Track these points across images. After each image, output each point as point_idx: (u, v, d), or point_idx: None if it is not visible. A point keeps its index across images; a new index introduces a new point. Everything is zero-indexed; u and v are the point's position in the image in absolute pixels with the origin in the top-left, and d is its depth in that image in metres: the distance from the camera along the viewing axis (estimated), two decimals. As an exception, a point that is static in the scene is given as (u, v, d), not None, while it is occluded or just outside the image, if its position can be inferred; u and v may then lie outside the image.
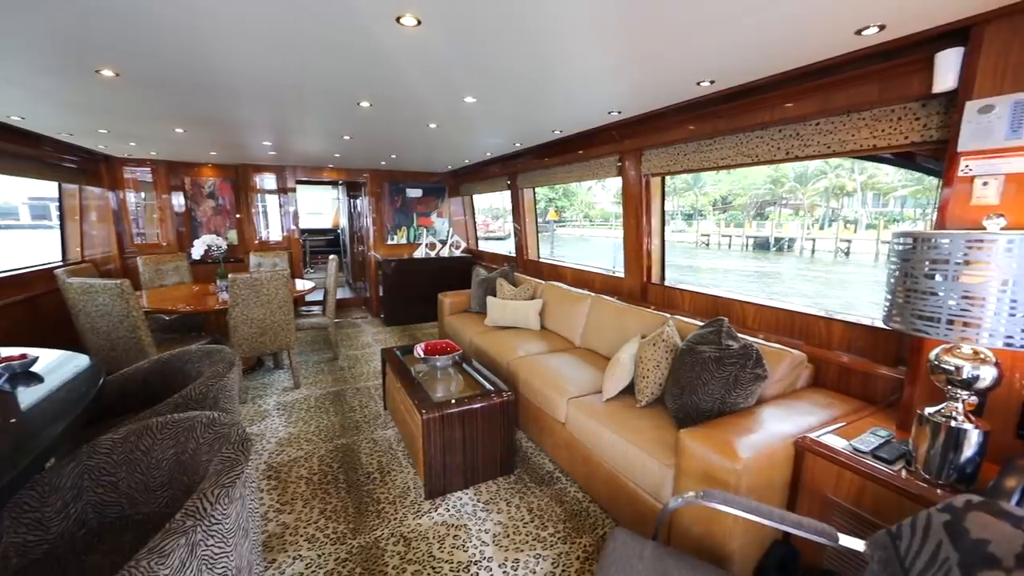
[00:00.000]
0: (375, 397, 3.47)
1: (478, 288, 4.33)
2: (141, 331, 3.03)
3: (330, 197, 10.91)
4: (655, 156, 3.06)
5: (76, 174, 4.57)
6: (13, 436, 1.33)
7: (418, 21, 1.53)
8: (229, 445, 1.30)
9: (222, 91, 2.45)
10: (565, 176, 4.17)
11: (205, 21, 1.58)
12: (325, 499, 2.23)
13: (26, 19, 1.57)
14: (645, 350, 2.31)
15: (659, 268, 3.39)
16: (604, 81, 2.23)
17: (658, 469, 1.81)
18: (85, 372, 1.80)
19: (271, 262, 5.09)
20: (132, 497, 1.41)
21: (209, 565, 1.08)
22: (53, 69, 2.09)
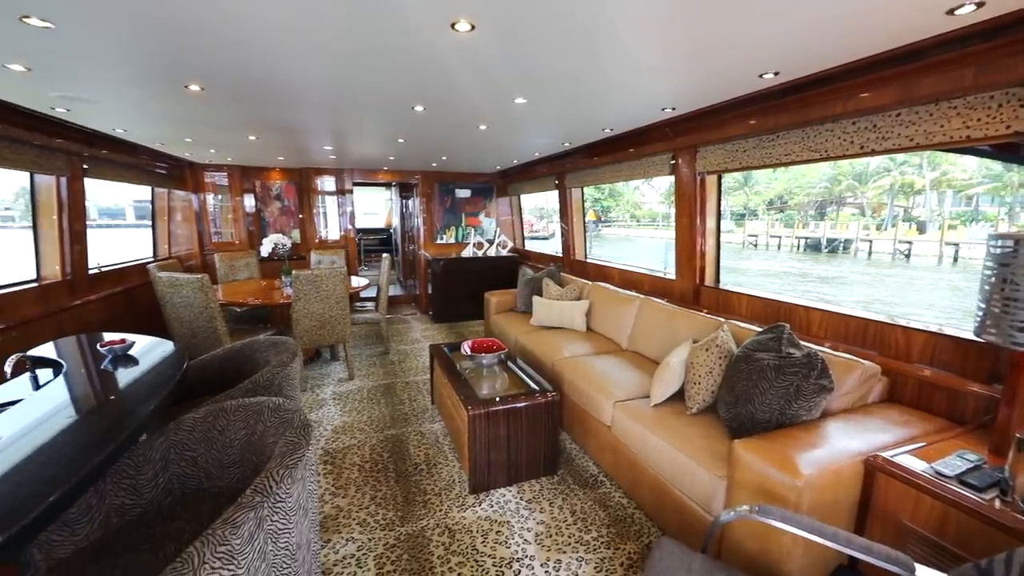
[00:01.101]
0: (423, 391, 3.59)
1: (524, 288, 4.35)
2: (217, 321, 3.32)
3: (383, 198, 11.39)
4: (711, 153, 2.93)
5: (165, 179, 5.08)
6: (114, 412, 1.51)
7: (472, 26, 1.56)
8: (292, 430, 1.40)
9: (290, 101, 2.63)
10: (614, 175, 4.09)
11: (274, 39, 1.70)
12: (376, 486, 2.34)
13: (131, 45, 1.77)
14: (697, 355, 2.22)
15: (713, 270, 3.24)
16: (658, 77, 2.16)
17: (708, 480, 1.74)
18: (171, 357, 2.00)
19: (329, 260, 5.40)
20: (209, 472, 1.55)
21: (274, 539, 1.17)
22: (150, 86, 2.34)
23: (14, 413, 1.42)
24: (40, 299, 3.31)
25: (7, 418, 1.39)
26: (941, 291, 14.99)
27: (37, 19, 1.52)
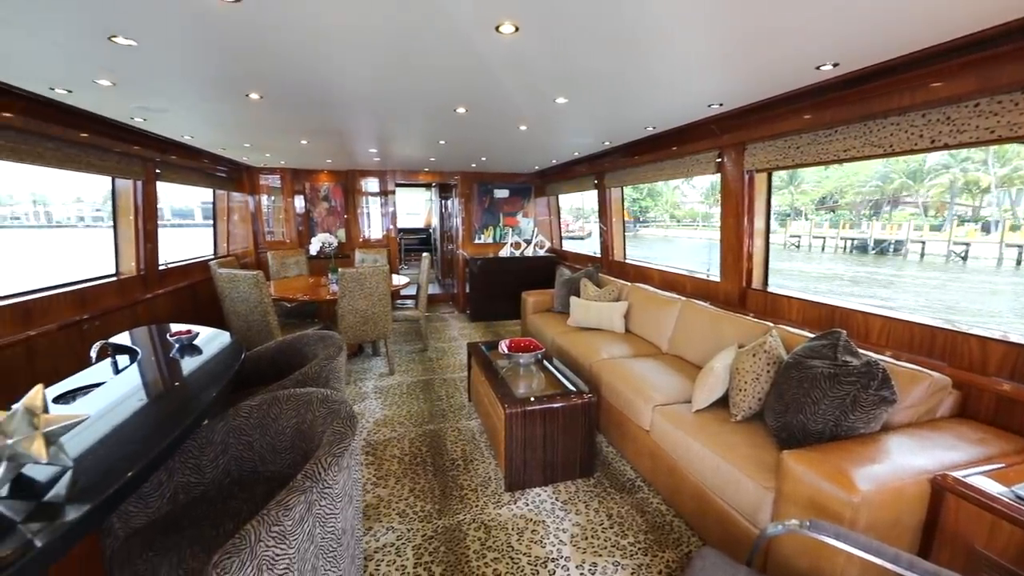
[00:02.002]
0: (460, 388, 3.65)
1: (561, 288, 4.33)
2: (270, 316, 3.52)
3: (423, 198, 11.66)
4: (761, 150, 2.80)
5: (225, 181, 5.44)
6: (182, 397, 1.63)
7: (516, 28, 1.57)
8: (339, 420, 1.47)
9: (339, 106, 2.75)
10: (656, 174, 3.99)
11: (327, 48, 1.79)
12: (415, 479, 2.41)
13: (201, 58, 1.91)
14: (743, 361, 2.13)
15: (761, 272, 3.10)
16: (705, 73, 2.09)
17: (754, 490, 1.67)
18: (229, 347, 2.15)
19: (372, 258, 5.60)
20: (263, 456, 1.65)
21: (322, 523, 1.23)
22: (216, 95, 2.51)
23: (99, 394, 1.58)
24: (118, 292, 3.63)
25: (93, 398, 1.54)
26: (1005, 296, 13.65)
27: (123, 38, 1.68)
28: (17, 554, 0.80)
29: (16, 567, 0.78)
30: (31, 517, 0.91)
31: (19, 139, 2.57)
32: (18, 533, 0.86)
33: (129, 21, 1.56)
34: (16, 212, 19.26)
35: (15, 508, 0.93)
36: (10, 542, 0.84)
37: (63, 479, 1.03)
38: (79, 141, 2.96)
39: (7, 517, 0.90)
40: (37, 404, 1.05)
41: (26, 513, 0.92)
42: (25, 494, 0.98)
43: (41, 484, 1.01)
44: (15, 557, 0.79)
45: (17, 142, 2.56)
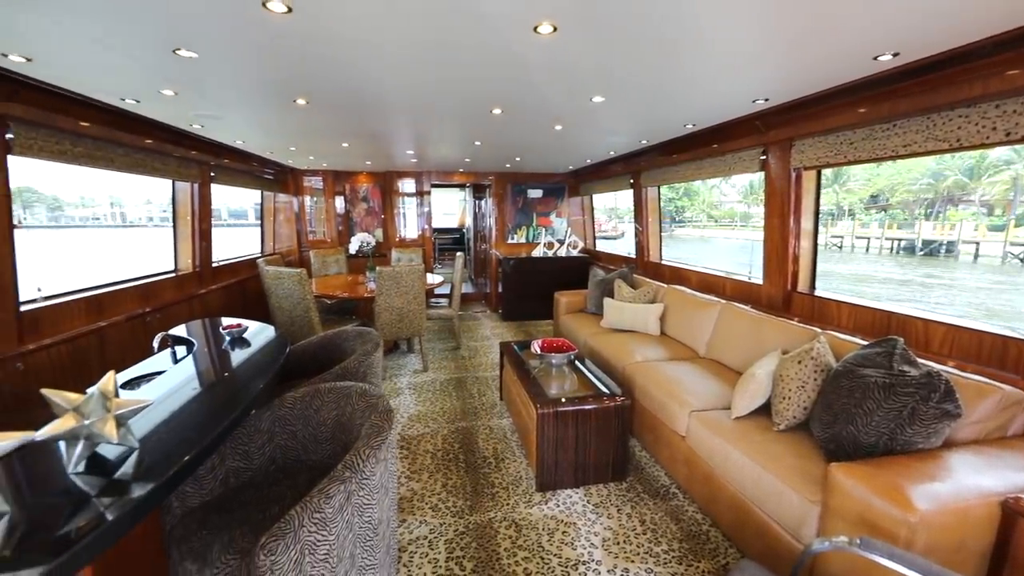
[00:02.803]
0: (492, 387, 3.68)
1: (595, 289, 4.28)
2: (312, 312, 3.67)
3: (457, 199, 11.82)
4: (809, 147, 2.67)
5: (272, 183, 5.73)
6: (233, 387, 1.73)
7: (554, 28, 1.57)
8: (377, 414, 1.51)
9: (380, 109, 2.84)
10: (695, 173, 3.88)
11: (370, 54, 1.85)
12: (447, 474, 2.45)
13: (254, 68, 2.02)
14: (787, 367, 2.03)
15: (808, 275, 2.95)
16: (750, 67, 2.01)
17: (798, 503, 1.59)
18: (275, 341, 2.26)
19: (408, 257, 5.73)
20: (306, 445, 1.72)
21: (359, 512, 1.27)
22: (266, 102, 2.65)
23: (160, 381, 1.70)
24: (176, 287, 3.90)
25: (156, 385, 1.66)
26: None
27: (186, 51, 1.80)
28: (92, 525, 0.88)
29: (90, 538, 0.85)
30: (103, 492, 0.99)
31: (95, 146, 2.81)
32: (92, 506, 0.94)
33: (192, 35, 1.67)
34: (96, 213, 21.36)
35: (90, 483, 1.02)
36: (85, 513, 0.92)
37: (130, 459, 1.12)
38: (144, 147, 3.20)
39: (83, 491, 0.99)
40: (110, 389, 1.14)
41: (99, 488, 1.00)
42: (98, 471, 1.07)
43: (112, 462, 1.10)
44: (90, 528, 0.87)
45: (93, 149, 2.80)
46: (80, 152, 2.70)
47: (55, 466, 1.07)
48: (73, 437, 1.05)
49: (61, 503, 0.95)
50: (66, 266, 14.58)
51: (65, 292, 2.88)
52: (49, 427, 1.02)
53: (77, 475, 1.04)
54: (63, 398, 1.07)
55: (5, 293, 2.28)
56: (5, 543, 0.83)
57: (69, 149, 2.62)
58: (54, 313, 2.66)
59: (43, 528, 0.88)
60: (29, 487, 1.03)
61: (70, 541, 0.83)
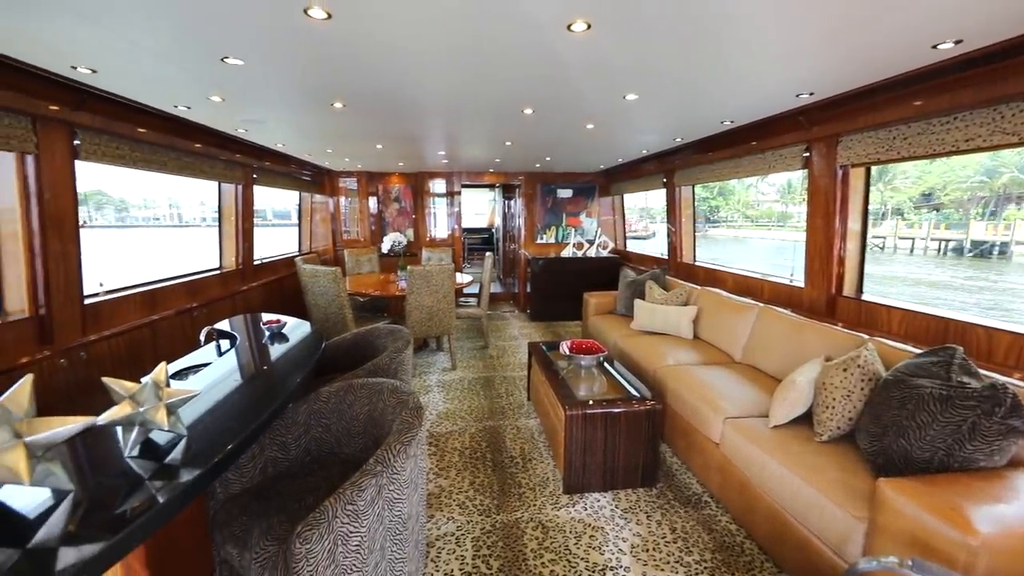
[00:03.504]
0: (519, 387, 3.68)
1: (625, 290, 4.21)
2: (346, 309, 3.78)
3: (487, 199, 11.89)
4: (858, 142, 2.52)
5: (309, 185, 5.94)
6: (272, 379, 1.80)
7: (588, 25, 1.55)
8: (407, 410, 1.54)
9: (414, 111, 2.89)
10: (732, 171, 3.74)
11: (404, 57, 1.88)
12: (474, 472, 2.46)
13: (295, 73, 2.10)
14: (831, 375, 1.93)
15: (855, 278, 2.79)
16: (795, 60, 1.92)
17: (842, 518, 1.51)
18: (311, 337, 2.33)
19: (438, 257, 5.81)
20: (339, 439, 1.77)
21: (389, 506, 1.30)
22: (305, 106, 2.75)
23: (206, 373, 1.79)
24: (221, 284, 4.10)
25: (202, 376, 1.75)
26: None
27: (233, 58, 1.89)
28: (145, 506, 0.93)
29: (143, 519, 0.90)
30: (155, 476, 1.05)
31: (150, 151, 2.99)
32: (145, 488, 1.00)
33: (239, 43, 1.75)
34: (157, 214, 23.12)
35: (143, 467, 1.08)
36: (139, 495, 0.98)
37: (179, 445, 1.19)
38: (194, 151, 3.38)
39: (138, 474, 1.05)
40: (161, 379, 1.21)
41: (151, 472, 1.07)
42: (150, 455, 1.13)
43: (162, 448, 1.17)
44: (143, 509, 0.92)
45: (149, 153, 2.98)
46: (137, 156, 2.89)
47: (113, 449, 1.15)
48: (129, 423, 1.12)
49: (118, 484, 1.02)
50: (128, 263, 15.67)
51: (123, 287, 3.08)
52: (108, 413, 1.09)
53: (132, 459, 1.11)
54: (121, 386, 1.14)
55: (72, 288, 2.46)
56: (70, 519, 0.89)
57: (128, 153, 2.81)
58: (113, 307, 2.86)
59: (102, 507, 0.94)
60: (91, 468, 1.11)
61: (126, 520, 0.89)
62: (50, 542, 0.83)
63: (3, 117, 2.04)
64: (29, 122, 2.15)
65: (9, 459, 0.85)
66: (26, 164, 2.22)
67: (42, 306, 2.34)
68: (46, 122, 2.22)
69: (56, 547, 0.82)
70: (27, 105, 2.08)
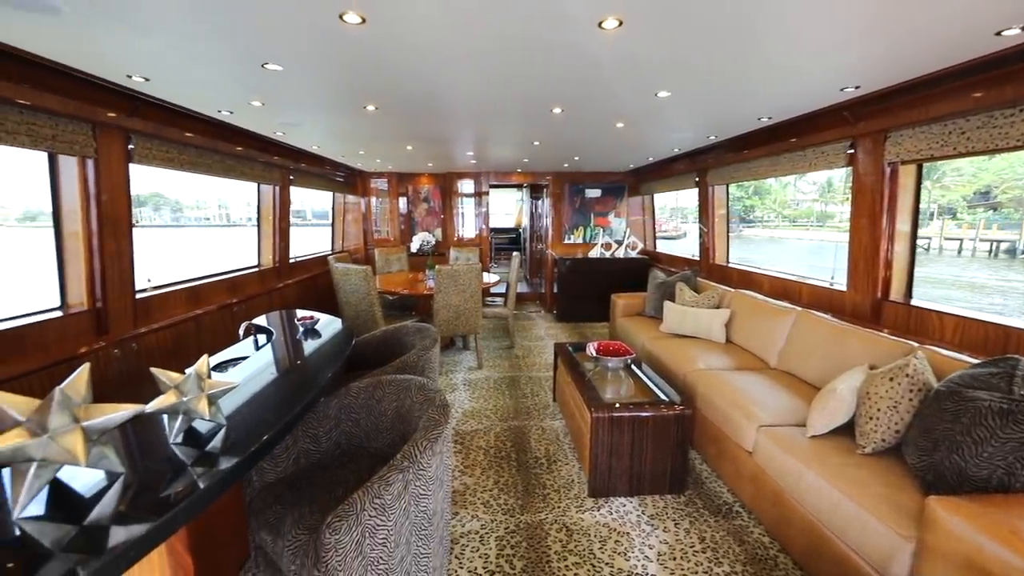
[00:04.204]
0: (545, 388, 3.66)
1: (655, 291, 4.13)
2: (375, 307, 3.87)
3: (514, 199, 11.92)
4: (909, 138, 2.38)
5: (342, 186, 6.11)
6: (306, 374, 1.86)
7: (620, 22, 1.53)
8: (434, 408, 1.56)
9: (444, 112, 2.93)
10: (769, 170, 3.60)
11: (436, 60, 1.91)
12: (499, 472, 2.47)
13: (331, 78, 2.17)
14: (876, 384, 1.83)
15: (903, 282, 2.64)
16: (840, 52, 1.83)
17: (886, 536, 1.42)
18: (342, 333, 2.40)
19: (465, 256, 5.86)
20: (368, 433, 1.81)
21: (416, 501, 1.32)
22: (340, 109, 2.83)
23: (244, 366, 1.87)
24: (258, 281, 4.28)
25: (241, 369, 1.83)
26: None
27: (273, 64, 1.97)
28: (187, 491, 0.98)
29: (186, 502, 0.95)
30: (196, 462, 1.10)
31: (196, 154, 3.16)
32: (188, 474, 1.05)
33: (279, 49, 1.82)
34: (207, 214, 24.60)
35: (186, 453, 1.14)
36: (183, 480, 1.03)
37: (219, 434, 1.24)
38: (235, 154, 3.54)
39: (181, 460, 1.11)
40: (204, 370, 1.27)
41: (193, 459, 1.12)
42: (192, 443, 1.19)
43: (204, 436, 1.23)
44: (186, 493, 0.97)
45: (195, 156, 3.15)
46: (184, 159, 3.05)
47: (159, 436, 1.22)
48: (174, 412, 1.19)
49: (164, 469, 1.08)
50: (181, 260, 16.63)
51: (170, 283, 3.26)
52: (156, 401, 1.16)
53: (176, 445, 1.17)
54: (167, 376, 1.21)
55: (125, 283, 2.63)
56: (121, 500, 0.95)
57: (176, 156, 2.97)
58: (161, 301, 3.03)
59: (150, 490, 1.00)
60: (139, 453, 1.18)
61: (170, 503, 0.94)
62: (103, 520, 0.89)
63: (67, 124, 2.19)
64: (89, 128, 2.31)
65: (68, 441, 0.91)
66: (86, 168, 2.39)
67: (99, 300, 2.51)
68: (104, 128, 2.38)
69: (108, 525, 0.88)
70: (88, 112, 2.23)
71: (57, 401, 0.91)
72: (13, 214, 22.45)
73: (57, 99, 2.06)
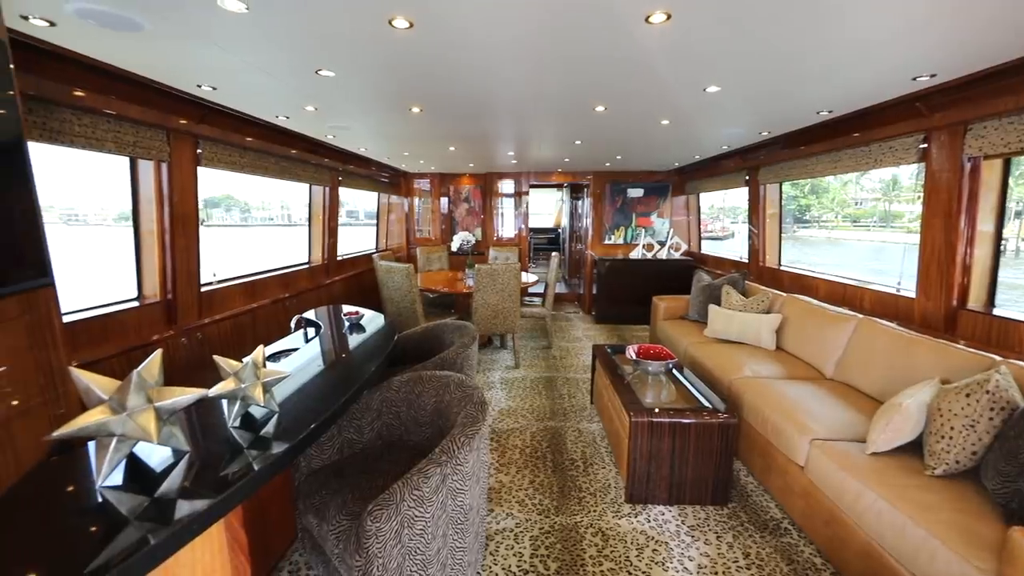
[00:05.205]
0: (582, 389, 3.62)
1: (699, 294, 3.97)
2: (417, 304, 3.97)
3: (554, 199, 11.86)
4: (994, 130, 2.16)
5: (387, 186, 6.32)
6: (351, 366, 1.94)
7: (668, 16, 1.49)
8: (472, 404, 1.58)
9: (487, 112, 2.96)
10: (828, 167, 3.37)
11: (481, 60, 1.93)
12: (534, 472, 2.47)
13: (379, 82, 2.25)
14: (950, 400, 1.67)
15: (984, 288, 2.39)
16: (915, 36, 1.69)
17: (958, 568, 1.30)
18: (385, 329, 2.48)
19: (504, 256, 5.90)
20: (407, 427, 1.87)
21: (453, 496, 1.34)
22: (387, 111, 2.93)
23: (295, 357, 1.97)
24: (308, 277, 4.50)
25: (292, 359, 1.93)
26: None
27: (326, 71, 2.07)
28: (244, 471, 1.05)
29: (243, 482, 1.02)
30: (252, 445, 1.18)
31: (255, 157, 3.37)
32: (244, 456, 1.13)
33: (331, 56, 1.91)
34: (271, 214, 26.41)
35: (243, 436, 1.22)
36: (239, 461, 1.10)
37: (272, 420, 1.32)
38: (290, 156, 3.75)
39: (238, 442, 1.19)
40: (259, 360, 1.36)
41: (249, 442, 1.20)
42: (248, 427, 1.27)
43: (258, 421, 1.31)
44: (243, 473, 1.04)
45: (254, 159, 3.36)
46: (245, 162, 3.26)
47: (219, 419, 1.31)
48: (232, 397, 1.27)
49: (223, 450, 1.16)
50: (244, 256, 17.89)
51: (230, 278, 3.50)
52: (217, 387, 1.25)
53: (234, 428, 1.26)
54: (228, 364, 1.30)
55: (192, 277, 2.84)
56: (186, 476, 1.03)
57: (237, 159, 3.18)
58: (223, 294, 3.25)
59: (211, 468, 1.07)
60: (202, 434, 1.27)
61: (228, 482, 1.01)
62: (171, 494, 0.97)
63: (146, 131, 2.40)
64: (164, 134, 2.51)
65: (143, 420, 0.99)
66: (161, 171, 2.60)
67: (169, 292, 2.73)
68: (177, 134, 2.58)
69: (175, 499, 0.95)
70: (163, 120, 2.44)
71: (134, 383, 1.00)
72: (111, 214, 25.01)
73: (138, 108, 2.27)
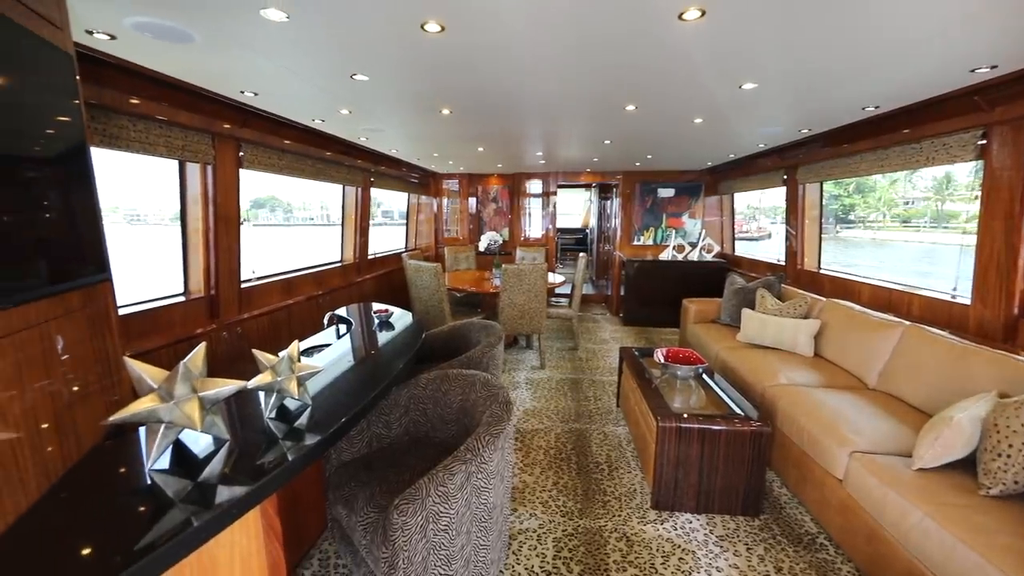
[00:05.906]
0: (608, 392, 3.58)
1: (732, 298, 3.85)
2: (444, 303, 4.03)
3: (582, 199, 11.76)
4: (1063, 124, 1.99)
5: (417, 187, 6.43)
6: (380, 364, 1.99)
7: (702, 12, 1.45)
8: (497, 404, 1.59)
9: (516, 113, 2.97)
10: (874, 166, 3.20)
11: (511, 61, 1.94)
12: (559, 473, 2.46)
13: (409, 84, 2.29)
14: (1007, 415, 1.56)
15: (1050, 297, 2.21)
16: (974, 24, 1.58)
17: (1017, 597, 1.21)
18: (413, 326, 2.52)
19: (531, 256, 5.90)
20: (434, 424, 1.89)
21: (476, 493, 1.35)
22: (417, 113, 2.98)
23: (327, 352, 2.04)
24: (340, 275, 4.64)
25: (325, 355, 2.00)
26: None
27: (360, 75, 2.13)
28: (279, 461, 1.10)
29: (278, 471, 1.06)
30: (286, 436, 1.23)
31: (293, 159, 3.50)
32: (279, 446, 1.18)
33: (365, 61, 1.97)
34: (311, 215, 27.58)
35: (278, 428, 1.27)
36: (275, 451, 1.15)
37: (305, 413, 1.37)
38: (324, 158, 3.87)
39: (274, 433, 1.24)
40: (294, 354, 1.41)
41: (284, 433, 1.25)
42: (283, 419, 1.33)
43: (293, 414, 1.36)
44: (278, 463, 1.09)
45: (292, 161, 3.49)
46: (283, 164, 3.39)
47: (256, 410, 1.37)
48: (269, 389, 1.33)
49: (260, 440, 1.21)
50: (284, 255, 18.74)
51: (268, 275, 3.65)
52: (255, 379, 1.30)
53: (270, 420, 1.31)
54: (265, 358, 1.35)
55: (233, 274, 2.99)
56: (227, 463, 1.09)
57: (276, 162, 3.31)
58: (261, 291, 3.40)
59: (249, 456, 1.13)
60: (240, 424, 1.34)
61: (265, 470, 1.05)
62: (212, 479, 1.02)
63: (194, 135, 2.54)
64: (210, 138, 2.65)
65: (188, 408, 1.05)
66: (207, 173, 2.74)
67: (213, 288, 2.87)
68: (221, 138, 2.72)
69: (216, 484, 1.01)
70: (209, 125, 2.57)
71: (181, 373, 1.06)
72: (167, 215, 26.87)
73: (187, 114, 2.40)
